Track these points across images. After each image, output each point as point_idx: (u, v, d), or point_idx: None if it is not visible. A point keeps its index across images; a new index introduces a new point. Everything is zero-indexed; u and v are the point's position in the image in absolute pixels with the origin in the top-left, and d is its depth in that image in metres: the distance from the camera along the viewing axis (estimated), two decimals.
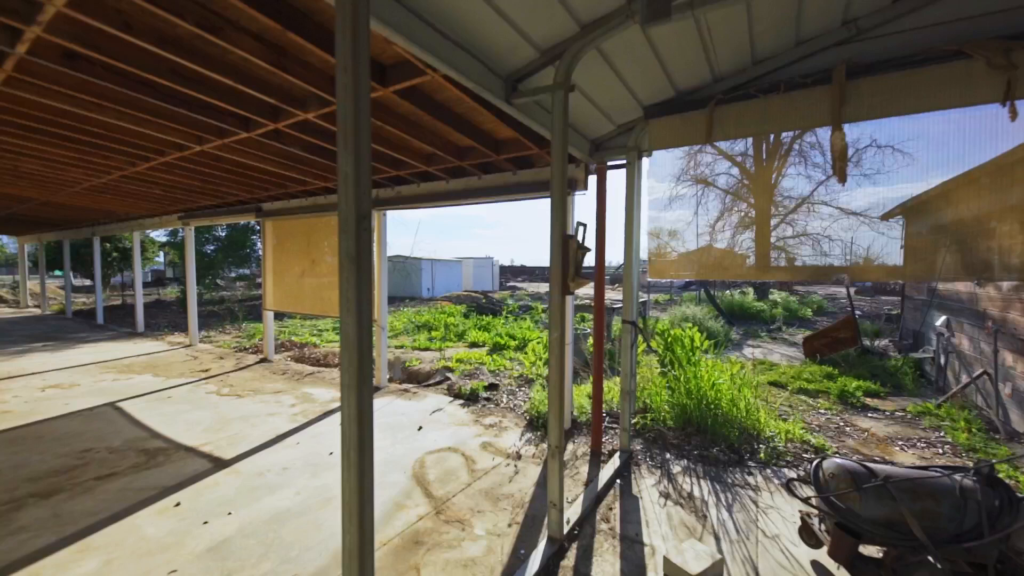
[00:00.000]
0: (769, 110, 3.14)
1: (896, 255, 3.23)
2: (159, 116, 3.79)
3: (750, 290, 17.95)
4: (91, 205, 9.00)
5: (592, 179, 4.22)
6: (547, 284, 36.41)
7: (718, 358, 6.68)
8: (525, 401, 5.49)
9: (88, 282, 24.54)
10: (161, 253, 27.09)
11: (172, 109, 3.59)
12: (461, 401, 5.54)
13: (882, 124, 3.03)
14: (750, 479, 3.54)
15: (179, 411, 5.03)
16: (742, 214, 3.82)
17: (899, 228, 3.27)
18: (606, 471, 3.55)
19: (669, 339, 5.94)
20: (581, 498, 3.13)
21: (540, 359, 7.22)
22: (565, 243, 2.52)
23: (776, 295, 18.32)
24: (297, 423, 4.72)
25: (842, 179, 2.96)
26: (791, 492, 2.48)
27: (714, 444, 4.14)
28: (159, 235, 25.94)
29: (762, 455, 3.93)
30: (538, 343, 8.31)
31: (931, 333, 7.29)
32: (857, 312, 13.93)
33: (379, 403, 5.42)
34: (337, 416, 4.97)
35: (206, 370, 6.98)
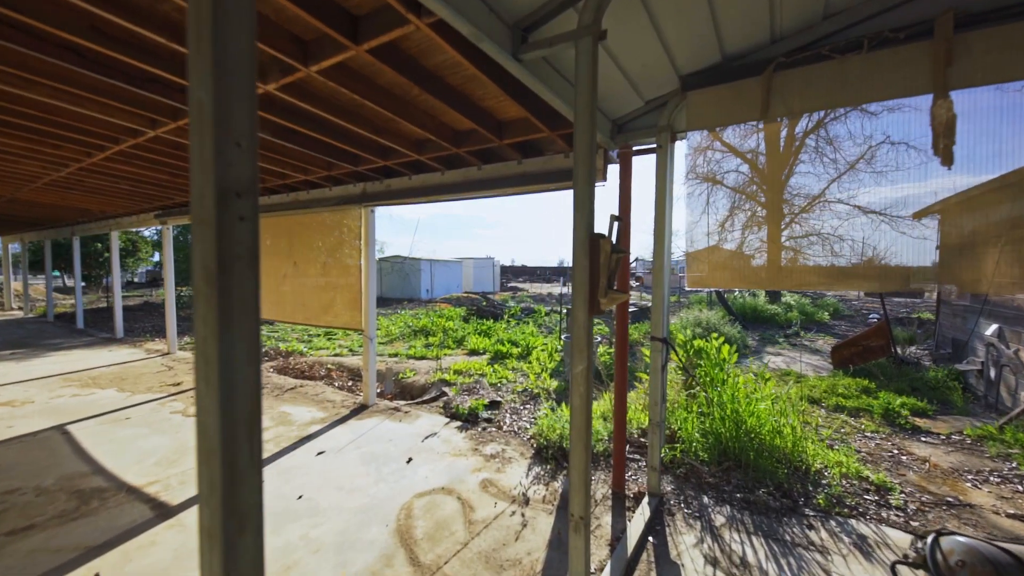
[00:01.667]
0: (846, 75, 2.47)
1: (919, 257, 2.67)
2: (99, 93, 3.18)
3: (761, 292, 17.23)
4: (61, 203, 8.37)
5: (613, 168, 3.56)
6: (549, 285, 35.78)
7: (740, 368, 6.01)
8: (531, 423, 4.83)
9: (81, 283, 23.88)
10: (156, 253, 26.54)
11: (110, 83, 2.97)
12: (458, 423, 4.87)
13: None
14: (813, 535, 2.87)
15: (134, 436, 4.37)
16: (788, 218, 3.16)
17: (924, 228, 2.72)
18: (635, 524, 2.88)
19: (691, 351, 5.29)
20: (608, 569, 2.45)
21: (545, 370, 6.57)
22: (594, 246, 1.83)
23: (788, 297, 17.61)
24: (267, 453, 4.05)
25: (947, 161, 2.30)
26: None
27: (759, 484, 3.46)
28: (152, 235, 25.41)
29: (820, 500, 3.26)
30: (542, 351, 7.65)
31: (977, 343, 6.62)
32: (877, 316, 13.22)
33: (365, 426, 4.76)
34: (316, 444, 4.31)
35: (177, 384, 6.32)
